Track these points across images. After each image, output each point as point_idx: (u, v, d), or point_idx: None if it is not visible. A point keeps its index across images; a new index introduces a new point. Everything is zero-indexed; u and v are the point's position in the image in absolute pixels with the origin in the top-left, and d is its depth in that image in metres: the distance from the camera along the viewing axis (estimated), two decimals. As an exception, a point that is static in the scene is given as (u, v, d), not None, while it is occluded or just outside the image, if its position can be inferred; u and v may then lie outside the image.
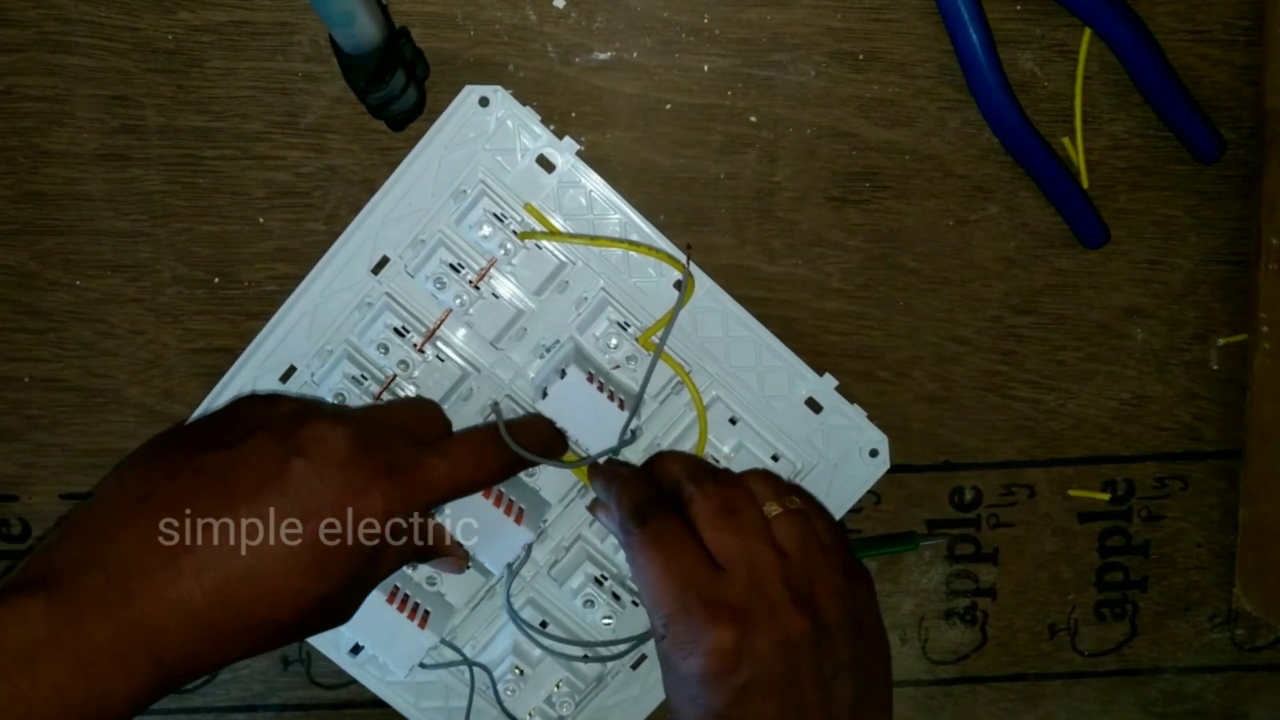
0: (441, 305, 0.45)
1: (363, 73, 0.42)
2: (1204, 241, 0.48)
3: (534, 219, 0.45)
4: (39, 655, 0.34)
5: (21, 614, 0.34)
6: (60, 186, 0.47)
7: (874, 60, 0.46)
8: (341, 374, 0.45)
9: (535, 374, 0.46)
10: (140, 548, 0.36)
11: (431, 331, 0.45)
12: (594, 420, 0.45)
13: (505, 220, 0.44)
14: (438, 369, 0.46)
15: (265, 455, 0.38)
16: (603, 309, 0.46)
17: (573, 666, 0.48)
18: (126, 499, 0.38)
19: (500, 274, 0.45)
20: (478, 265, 0.45)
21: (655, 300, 0.46)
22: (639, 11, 0.45)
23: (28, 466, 0.50)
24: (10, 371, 0.49)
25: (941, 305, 0.49)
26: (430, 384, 0.46)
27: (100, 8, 0.45)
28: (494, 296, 0.45)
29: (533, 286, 0.45)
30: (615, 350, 0.45)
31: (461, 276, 0.45)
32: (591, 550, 0.48)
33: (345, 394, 0.45)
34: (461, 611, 0.48)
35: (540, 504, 0.47)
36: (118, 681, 0.35)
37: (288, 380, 0.46)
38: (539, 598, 0.48)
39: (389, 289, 0.45)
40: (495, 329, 0.45)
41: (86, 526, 0.37)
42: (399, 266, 0.45)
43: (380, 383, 0.45)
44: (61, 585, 0.35)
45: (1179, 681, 0.54)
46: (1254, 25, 0.45)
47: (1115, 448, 0.51)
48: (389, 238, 0.45)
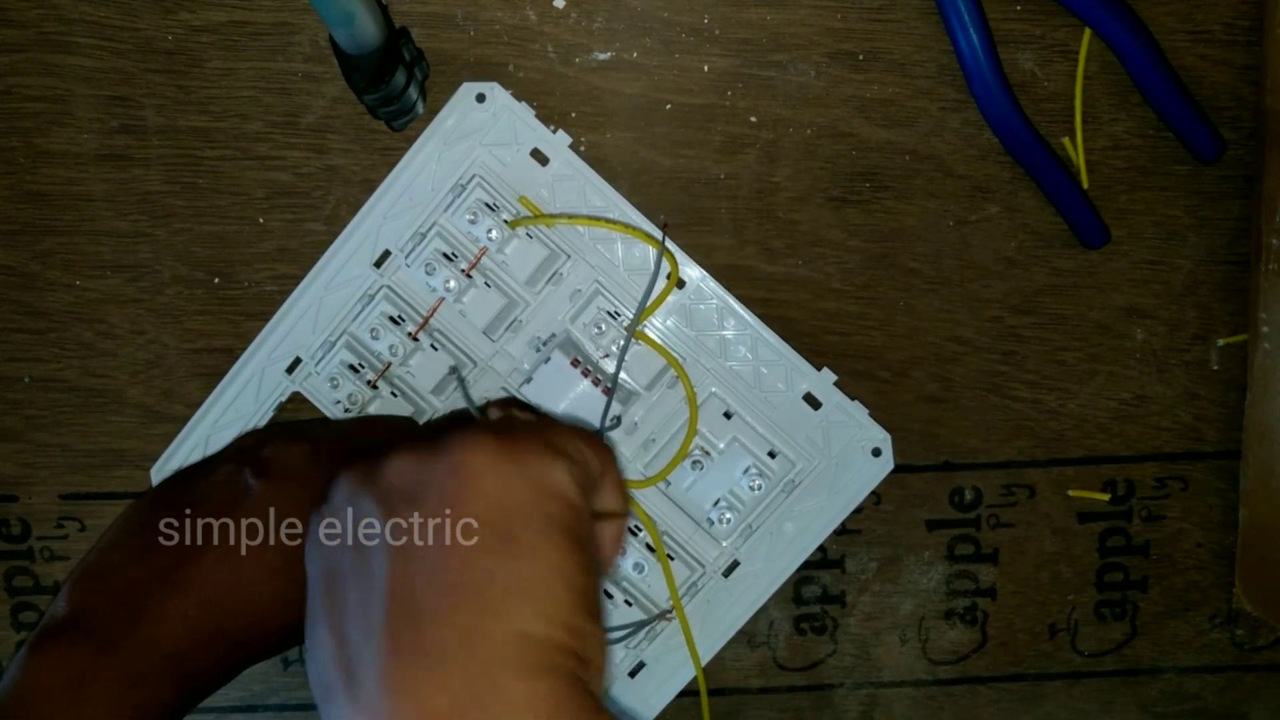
0: (435, 294, 0.46)
1: (363, 73, 0.42)
2: (1204, 241, 0.48)
3: (527, 211, 0.45)
4: (81, 691, 0.37)
5: (57, 656, 0.38)
6: (60, 187, 0.47)
7: (874, 60, 0.46)
8: (340, 361, 0.46)
9: (530, 367, 0.47)
10: (142, 574, 0.40)
11: (425, 319, 0.46)
12: (576, 405, 0.46)
13: (498, 210, 0.45)
14: (432, 358, 0.47)
15: (230, 479, 0.42)
16: (593, 298, 0.46)
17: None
18: (123, 538, 0.42)
19: (493, 263, 0.46)
20: (470, 254, 0.46)
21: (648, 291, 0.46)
22: (639, 12, 0.45)
23: (28, 467, 0.50)
24: (10, 372, 0.49)
25: (941, 305, 0.49)
26: (425, 373, 0.47)
27: (100, 8, 0.45)
28: (485, 285, 0.46)
29: (524, 275, 0.46)
30: (603, 337, 0.46)
31: (454, 265, 0.45)
32: None
33: (340, 379, 0.46)
34: None
35: None
36: (153, 701, 0.38)
37: (293, 372, 0.47)
38: None
39: (389, 281, 0.46)
40: (487, 318, 0.46)
41: (94, 568, 0.41)
42: (399, 259, 0.46)
43: (376, 370, 0.46)
44: (83, 624, 0.39)
45: (1179, 682, 0.54)
46: (1254, 25, 0.45)
47: (1115, 448, 0.51)
48: (390, 232, 0.46)
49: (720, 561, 0.48)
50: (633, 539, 0.47)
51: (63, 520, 0.51)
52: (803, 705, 0.54)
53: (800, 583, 0.53)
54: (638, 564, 0.48)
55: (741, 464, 0.47)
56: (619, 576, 0.48)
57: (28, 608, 0.52)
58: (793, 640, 0.53)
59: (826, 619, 0.53)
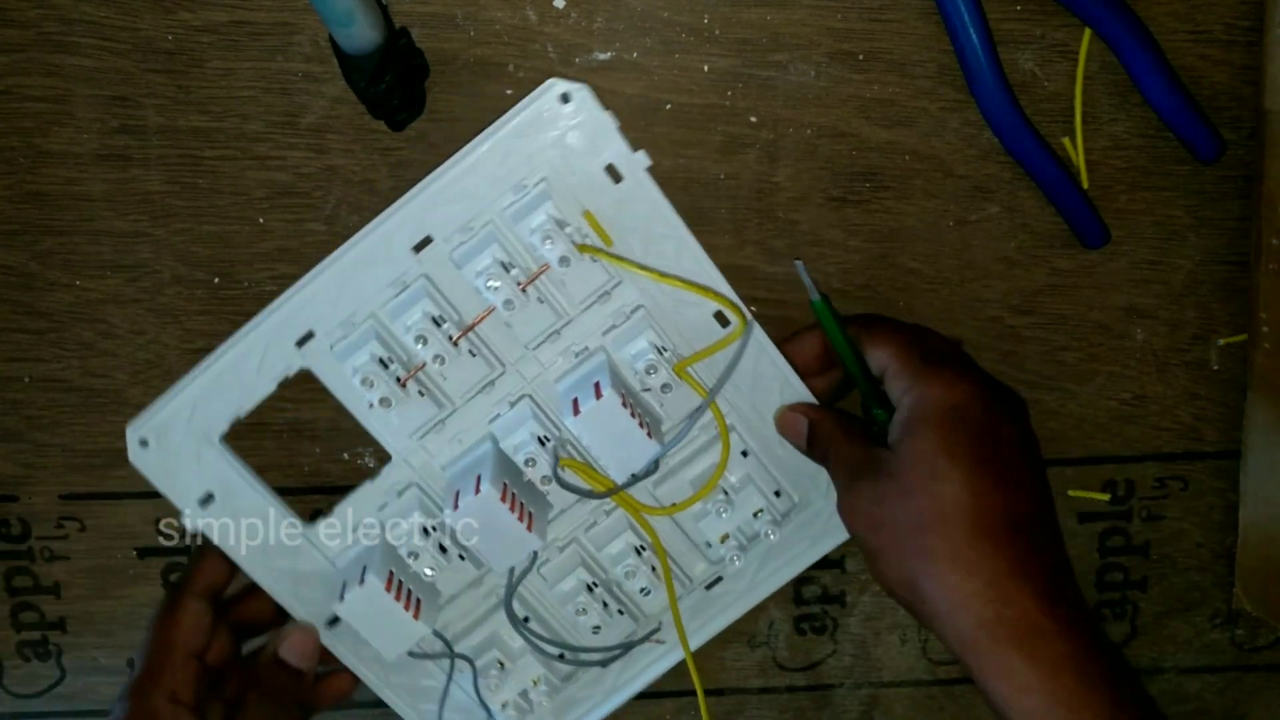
0: (485, 303, 0.43)
1: (363, 73, 0.42)
2: (1204, 241, 0.48)
3: (591, 228, 0.43)
4: None
5: None
6: (60, 187, 0.47)
7: (874, 60, 0.46)
8: (369, 354, 0.43)
9: (560, 378, 0.45)
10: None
11: (470, 327, 0.44)
12: (619, 444, 0.43)
13: (564, 227, 0.42)
14: (468, 364, 0.44)
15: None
16: (641, 330, 0.44)
17: (550, 663, 0.48)
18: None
19: (549, 281, 0.43)
20: (527, 266, 0.43)
21: (696, 328, 0.44)
22: (639, 12, 0.45)
23: (28, 467, 0.50)
24: (10, 372, 0.49)
25: (941, 305, 0.49)
26: (458, 378, 0.44)
27: (100, 8, 0.45)
28: (539, 302, 0.43)
29: (579, 298, 0.44)
30: (650, 376, 0.44)
31: (511, 277, 0.43)
32: (585, 555, 0.47)
33: (372, 378, 0.43)
34: (448, 599, 0.48)
35: (545, 507, 0.47)
36: None
37: (304, 345, 0.44)
38: (525, 594, 0.48)
39: (427, 271, 0.43)
40: (534, 333, 0.44)
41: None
42: (443, 250, 0.43)
43: (407, 368, 0.44)
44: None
45: (1179, 682, 0.54)
46: (1254, 25, 0.45)
47: (1115, 448, 0.51)
48: (437, 217, 0.42)
49: (705, 575, 0.49)
50: (638, 559, 0.47)
51: (63, 520, 0.51)
52: (803, 705, 0.54)
53: (801, 583, 0.53)
54: (644, 589, 0.47)
55: (754, 505, 0.47)
56: (614, 582, 0.48)
57: (28, 608, 0.52)
58: (793, 640, 0.53)
59: (827, 619, 0.53)
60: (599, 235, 0.43)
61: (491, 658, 0.48)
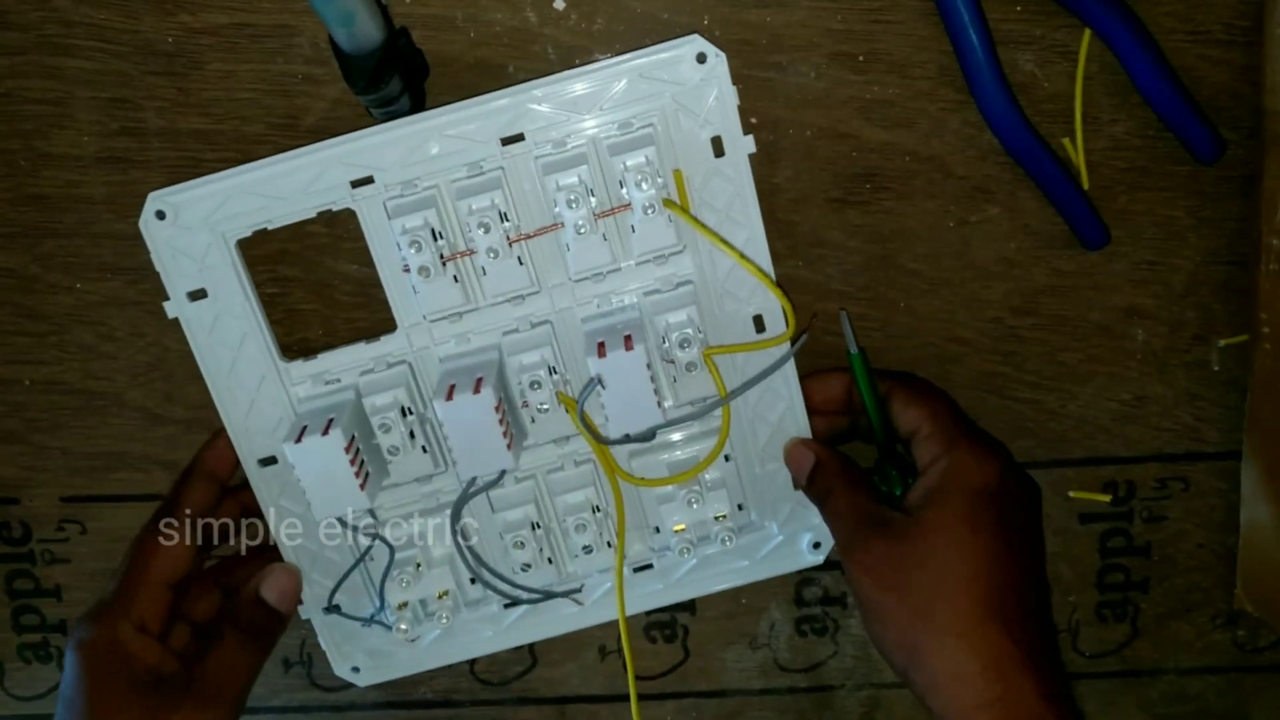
0: (556, 217, 0.43)
1: (363, 74, 0.42)
2: (1204, 242, 0.48)
3: (676, 187, 0.43)
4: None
5: None
6: (61, 189, 0.47)
7: (874, 61, 0.46)
8: (423, 219, 0.43)
9: (587, 319, 0.45)
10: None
11: (533, 234, 0.43)
12: (629, 401, 0.43)
13: (656, 177, 0.43)
14: (512, 270, 0.44)
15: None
16: (685, 303, 0.44)
17: (462, 583, 0.48)
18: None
19: (620, 222, 0.44)
20: (607, 199, 0.43)
21: (731, 324, 0.45)
22: (639, 13, 0.45)
23: (28, 469, 0.50)
24: (11, 374, 0.49)
25: (942, 306, 0.49)
26: (498, 278, 0.44)
27: (101, 10, 0.45)
28: (603, 239, 0.43)
29: (639, 250, 0.44)
30: (681, 351, 0.44)
31: (590, 205, 0.43)
32: (539, 495, 0.47)
33: (421, 243, 0.42)
34: (390, 484, 0.47)
35: (523, 434, 0.46)
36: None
37: (358, 188, 0.43)
38: (470, 508, 0.47)
39: (506, 166, 0.43)
40: (584, 266, 0.44)
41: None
42: (529, 152, 0.43)
43: (453, 248, 0.43)
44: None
45: (1180, 683, 0.54)
46: (1254, 25, 0.45)
47: (1116, 449, 0.51)
48: (534, 116, 0.43)
49: (638, 558, 0.49)
50: (591, 516, 0.47)
51: (64, 523, 0.51)
52: (804, 706, 0.54)
53: (801, 584, 0.53)
54: (587, 546, 0.47)
55: (719, 508, 0.47)
56: (559, 531, 0.48)
57: (29, 610, 0.52)
58: (794, 642, 0.53)
59: (827, 620, 0.53)
60: (681, 197, 0.43)
61: (409, 555, 0.47)
